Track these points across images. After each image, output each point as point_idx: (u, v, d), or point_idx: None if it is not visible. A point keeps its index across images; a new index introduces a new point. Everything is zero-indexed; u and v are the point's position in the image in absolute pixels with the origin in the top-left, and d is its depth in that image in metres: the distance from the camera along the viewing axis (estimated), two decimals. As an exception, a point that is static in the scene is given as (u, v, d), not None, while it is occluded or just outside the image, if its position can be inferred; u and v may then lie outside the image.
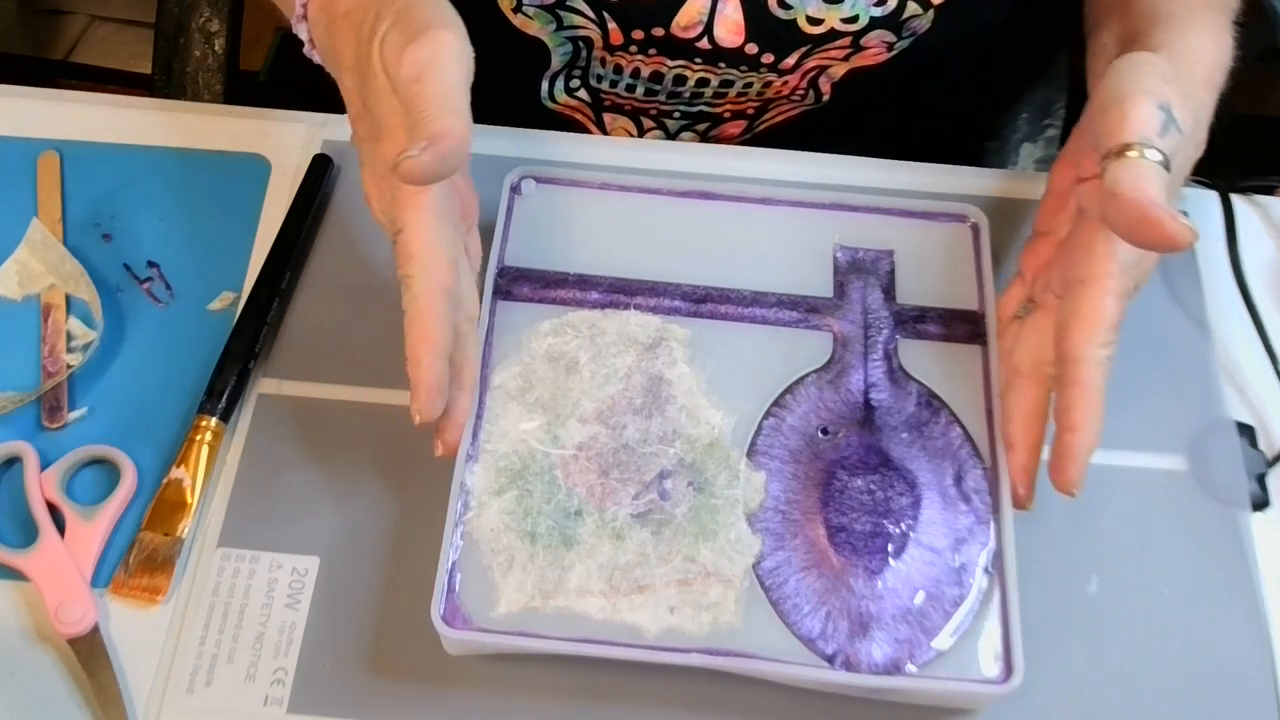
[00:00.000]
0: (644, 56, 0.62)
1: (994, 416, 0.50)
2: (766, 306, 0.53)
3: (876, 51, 0.61)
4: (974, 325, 0.53)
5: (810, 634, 0.46)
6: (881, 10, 0.58)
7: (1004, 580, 0.47)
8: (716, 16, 0.59)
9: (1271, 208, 0.61)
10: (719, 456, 0.49)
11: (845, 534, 0.47)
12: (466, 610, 0.46)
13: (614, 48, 0.61)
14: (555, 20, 0.61)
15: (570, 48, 0.63)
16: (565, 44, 0.63)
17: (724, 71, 0.62)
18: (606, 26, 0.60)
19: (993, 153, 0.69)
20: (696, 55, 0.61)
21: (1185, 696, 0.48)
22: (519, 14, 0.61)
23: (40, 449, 0.52)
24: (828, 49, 0.60)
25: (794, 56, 0.61)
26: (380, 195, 0.48)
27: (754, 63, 0.61)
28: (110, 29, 1.46)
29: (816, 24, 0.59)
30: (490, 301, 0.53)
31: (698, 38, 0.60)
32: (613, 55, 0.62)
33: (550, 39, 0.62)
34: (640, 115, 0.67)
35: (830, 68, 0.62)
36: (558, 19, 0.61)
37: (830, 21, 0.58)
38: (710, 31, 0.59)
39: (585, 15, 0.59)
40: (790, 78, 0.62)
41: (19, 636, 0.49)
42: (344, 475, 0.52)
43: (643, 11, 0.59)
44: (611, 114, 0.68)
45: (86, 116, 0.62)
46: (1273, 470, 0.53)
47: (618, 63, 0.63)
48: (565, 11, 0.60)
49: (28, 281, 0.57)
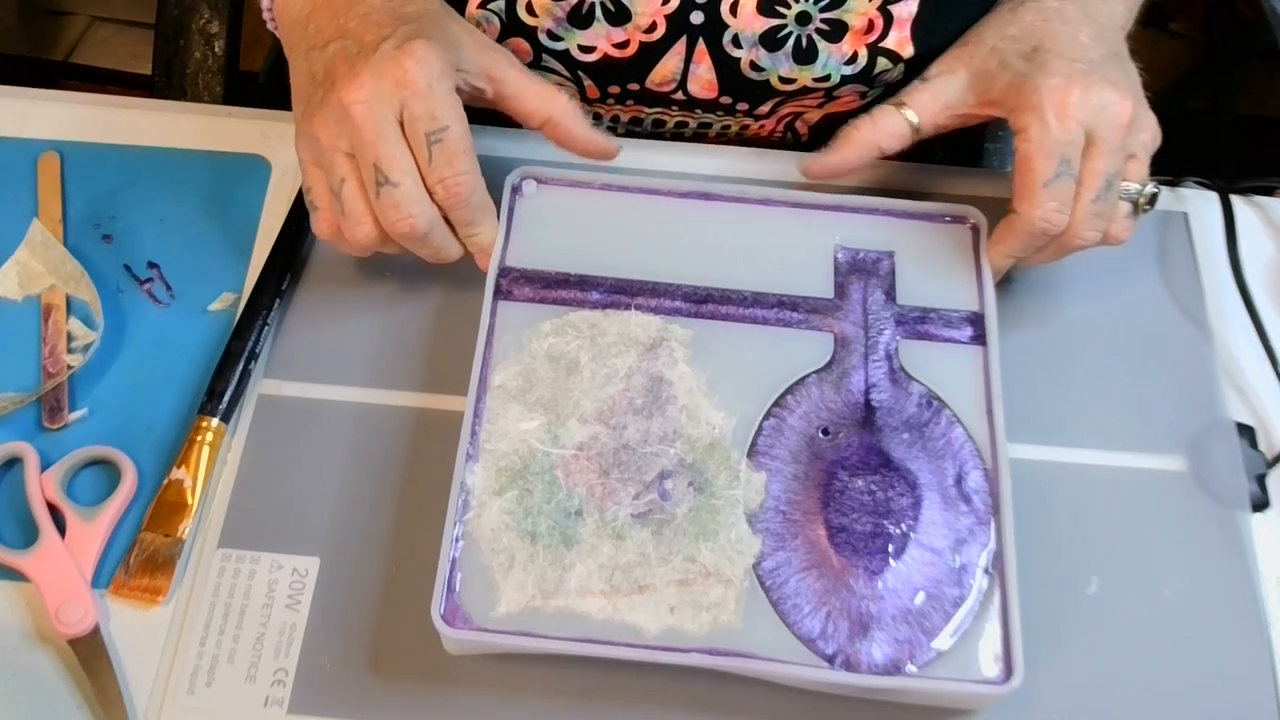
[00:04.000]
0: (621, 106, 0.63)
1: (994, 416, 0.50)
2: (767, 307, 0.53)
3: (850, 100, 0.62)
4: (975, 326, 0.53)
5: (810, 634, 0.46)
6: (852, 68, 0.59)
7: (1004, 581, 0.47)
8: (690, 75, 0.60)
9: (1271, 208, 0.61)
10: (719, 457, 0.49)
11: (846, 534, 0.47)
12: (467, 610, 0.46)
13: (591, 100, 0.62)
14: None
15: None
16: None
17: (701, 116, 0.63)
18: (583, 83, 0.61)
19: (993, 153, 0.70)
20: (673, 104, 0.62)
21: (1185, 697, 0.48)
22: None
23: (41, 450, 0.52)
24: (801, 100, 0.61)
25: (768, 105, 0.61)
26: (382, 98, 0.49)
27: (730, 109, 0.62)
28: (111, 30, 1.45)
29: (789, 83, 0.60)
30: (491, 302, 0.52)
31: (672, 91, 0.60)
32: (591, 106, 0.63)
33: None
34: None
35: (805, 114, 0.63)
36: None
37: (802, 80, 0.59)
38: (684, 87, 0.60)
39: (560, 74, 0.60)
40: (766, 122, 0.63)
41: (19, 637, 0.49)
42: (344, 476, 0.52)
43: (617, 71, 0.60)
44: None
45: (87, 117, 0.62)
46: (1272, 471, 0.53)
47: (597, 111, 0.64)
48: (541, 71, 0.60)
49: (28, 282, 0.57)
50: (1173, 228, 0.59)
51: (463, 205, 0.51)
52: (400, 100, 0.49)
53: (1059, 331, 0.56)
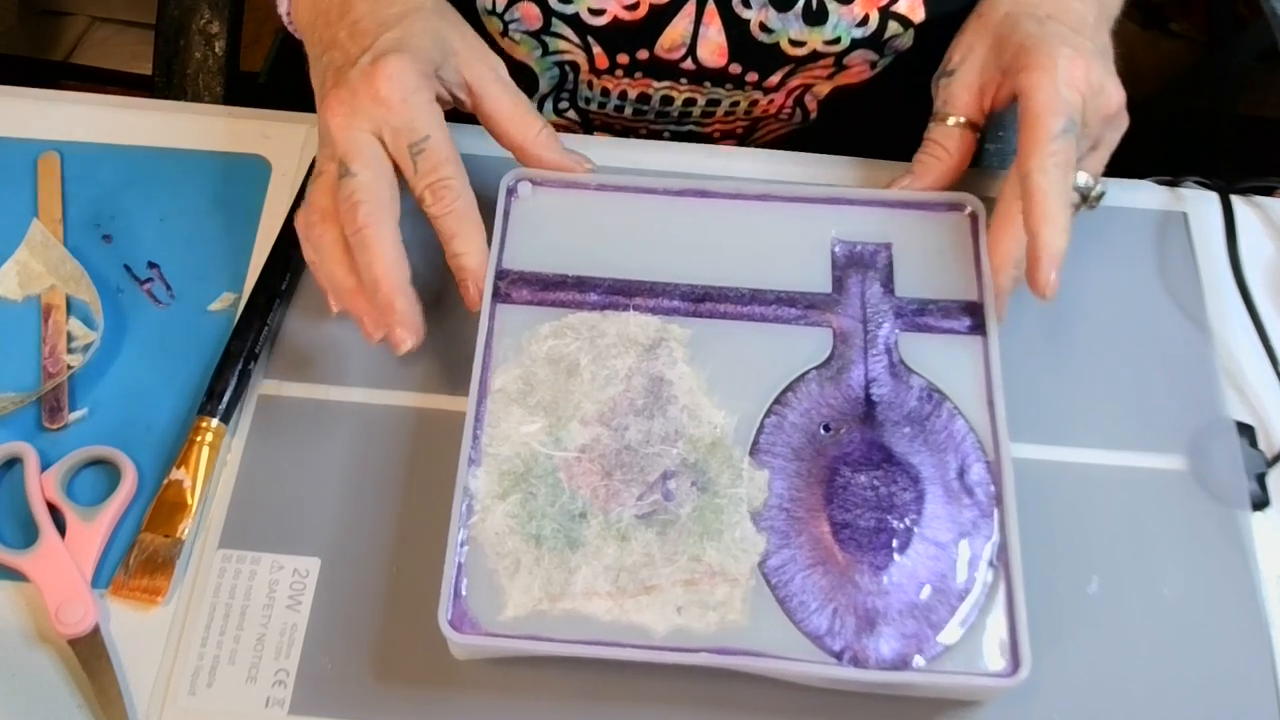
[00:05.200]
0: (629, 79, 0.62)
1: (995, 408, 0.50)
2: (765, 304, 0.53)
3: (860, 70, 0.61)
4: (974, 316, 0.52)
5: (818, 631, 0.46)
6: (863, 31, 0.58)
7: (1009, 573, 0.47)
8: (699, 39, 0.59)
9: (1271, 209, 0.61)
10: (722, 456, 0.49)
11: (850, 530, 0.47)
12: (474, 615, 0.46)
13: (600, 71, 0.62)
14: (541, 46, 0.62)
15: (557, 72, 0.64)
16: (552, 68, 0.63)
17: (709, 91, 0.62)
18: (591, 50, 0.61)
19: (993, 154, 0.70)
20: (681, 75, 0.62)
21: (1186, 695, 0.48)
22: (506, 38, 0.61)
23: (41, 449, 0.52)
24: (811, 68, 0.61)
25: (778, 75, 0.61)
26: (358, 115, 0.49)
27: (738, 81, 0.61)
28: (111, 30, 1.45)
29: (799, 46, 0.59)
30: (489, 305, 0.52)
31: (682, 59, 0.60)
32: (599, 79, 0.63)
33: (537, 64, 0.63)
34: (630, 134, 0.68)
35: (815, 86, 0.63)
36: (543, 45, 0.61)
37: (812, 44, 0.59)
38: (694, 53, 0.60)
39: (570, 40, 0.60)
40: (776, 96, 0.63)
41: (19, 637, 0.48)
42: (344, 477, 0.52)
43: (626, 35, 0.60)
44: (601, 133, 0.69)
45: (87, 117, 0.62)
46: (1272, 470, 0.53)
47: (604, 85, 0.63)
48: (550, 37, 0.60)
49: (28, 282, 0.57)
50: (1172, 228, 0.60)
51: (448, 210, 0.50)
52: (378, 118, 0.50)
53: (1058, 331, 0.56)
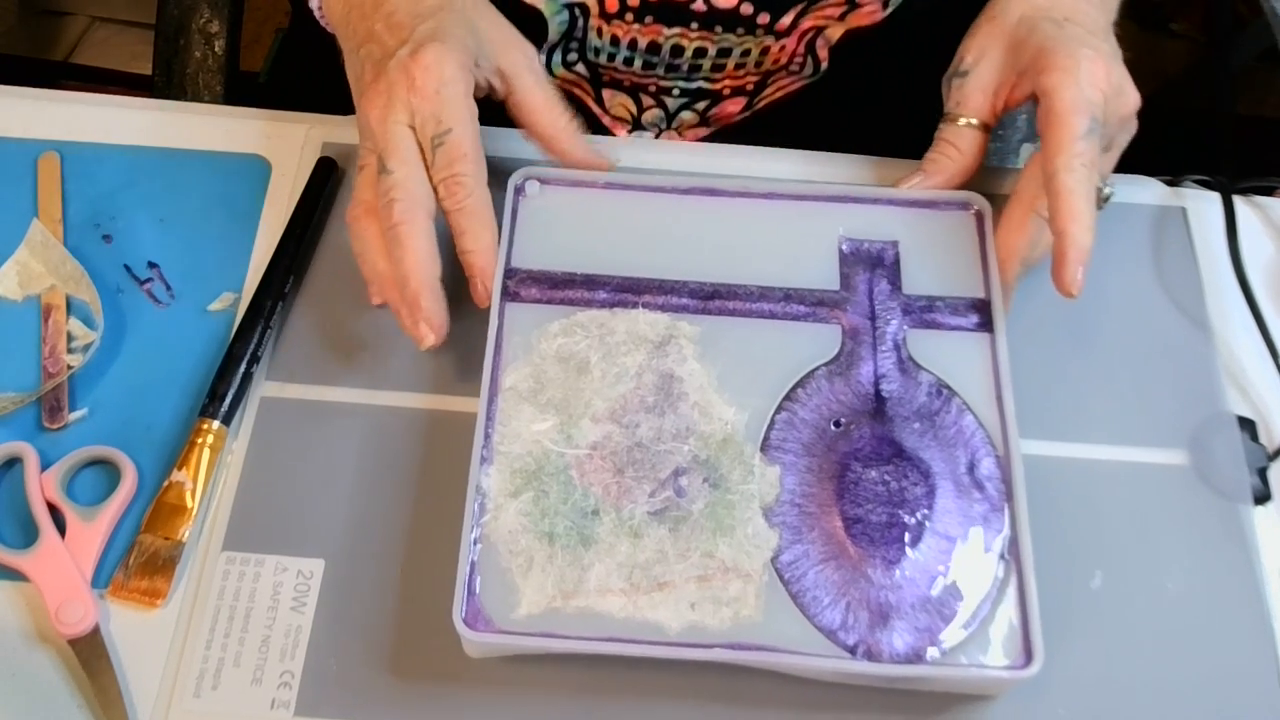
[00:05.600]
0: (640, 25, 0.62)
1: (1004, 403, 0.50)
2: (774, 301, 0.53)
3: (872, 10, 0.61)
4: (981, 312, 0.53)
5: (831, 625, 0.46)
6: None
7: (1020, 566, 0.47)
8: None
9: (1272, 208, 0.61)
10: (733, 452, 0.49)
11: (862, 525, 0.47)
12: (488, 612, 0.46)
13: (610, 15, 0.62)
14: None
15: (566, 16, 0.63)
16: (562, 12, 0.63)
17: (720, 37, 0.62)
18: None
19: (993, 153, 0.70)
20: (692, 19, 0.61)
21: (1189, 689, 0.48)
22: None
23: (41, 449, 0.52)
24: (823, 7, 0.61)
25: (789, 16, 0.61)
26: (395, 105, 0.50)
27: (749, 24, 0.61)
28: (111, 30, 1.45)
29: None
30: (499, 303, 0.52)
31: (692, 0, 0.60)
32: (609, 24, 0.62)
33: (547, 7, 0.63)
34: (639, 91, 0.67)
35: (827, 29, 0.62)
36: None
37: None
38: None
39: None
40: (787, 41, 0.62)
41: (19, 637, 0.48)
42: (348, 479, 0.51)
43: None
44: (610, 90, 0.68)
45: (87, 117, 0.61)
46: (1274, 464, 0.54)
47: (614, 33, 0.63)
48: None
49: (28, 282, 0.56)
50: (1172, 225, 0.60)
51: (459, 206, 0.51)
52: (413, 107, 0.51)
53: (1060, 328, 0.56)
